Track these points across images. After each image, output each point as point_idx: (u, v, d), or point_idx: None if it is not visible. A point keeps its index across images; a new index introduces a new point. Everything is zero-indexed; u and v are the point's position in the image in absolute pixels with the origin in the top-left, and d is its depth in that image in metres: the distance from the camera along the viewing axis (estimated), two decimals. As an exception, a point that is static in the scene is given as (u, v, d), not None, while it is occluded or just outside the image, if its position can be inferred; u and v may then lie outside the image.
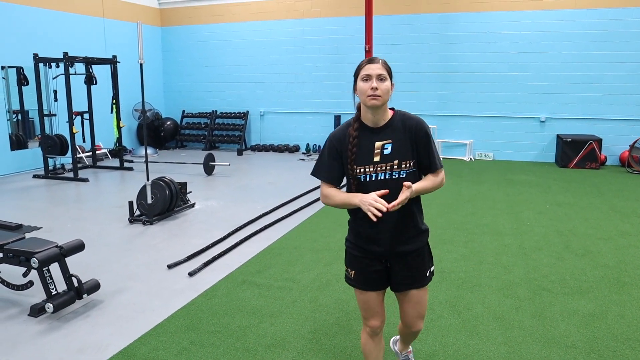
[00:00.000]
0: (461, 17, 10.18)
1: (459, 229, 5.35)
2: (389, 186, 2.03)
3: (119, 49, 10.53)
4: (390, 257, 2.14)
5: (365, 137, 2.07)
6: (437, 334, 3.10)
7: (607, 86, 9.50)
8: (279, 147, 11.71)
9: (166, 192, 5.77)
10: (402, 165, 2.05)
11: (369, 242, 2.12)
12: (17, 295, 3.70)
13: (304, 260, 4.43)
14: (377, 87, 1.98)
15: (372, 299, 2.21)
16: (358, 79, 2.03)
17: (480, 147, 10.48)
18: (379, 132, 2.06)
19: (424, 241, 2.19)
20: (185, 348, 2.96)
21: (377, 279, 2.18)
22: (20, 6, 8.74)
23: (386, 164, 2.04)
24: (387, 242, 2.09)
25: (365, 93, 1.99)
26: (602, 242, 4.91)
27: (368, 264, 2.15)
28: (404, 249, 2.12)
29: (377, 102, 1.99)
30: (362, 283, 2.19)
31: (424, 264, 2.19)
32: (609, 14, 9.30)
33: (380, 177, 2.05)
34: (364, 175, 2.06)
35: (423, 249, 2.19)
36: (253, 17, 11.73)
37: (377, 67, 2.00)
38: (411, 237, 2.13)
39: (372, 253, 2.14)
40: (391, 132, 2.06)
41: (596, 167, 9.16)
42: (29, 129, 9.27)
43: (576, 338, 3.03)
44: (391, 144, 2.05)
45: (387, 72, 2.03)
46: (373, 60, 2.03)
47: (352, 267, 2.20)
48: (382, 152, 2.04)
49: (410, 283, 2.17)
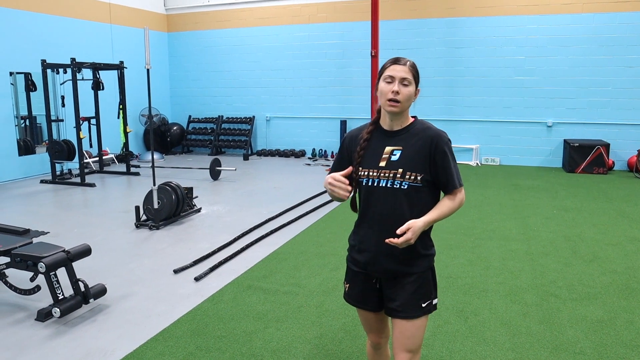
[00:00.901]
0: (467, 21, 10.17)
1: (465, 234, 5.33)
2: (390, 196, 1.87)
3: (125, 55, 10.60)
4: (379, 274, 1.96)
5: (378, 139, 1.94)
6: (444, 339, 3.08)
7: (615, 91, 9.45)
8: (285, 152, 11.73)
9: (172, 197, 5.78)
10: (406, 176, 1.85)
11: (359, 252, 1.99)
12: (25, 299, 3.71)
13: (310, 265, 4.43)
14: (398, 91, 1.82)
15: (370, 317, 2.08)
16: (381, 79, 1.87)
17: (486, 152, 10.45)
18: (393, 136, 1.92)
19: (423, 266, 1.94)
20: (192, 353, 2.95)
21: (368, 297, 2.02)
22: (28, 12, 8.82)
23: (390, 170, 1.88)
24: (373, 255, 1.92)
25: (385, 96, 1.84)
26: (610, 247, 4.87)
27: (363, 280, 2.01)
28: (393, 268, 1.91)
29: (396, 108, 1.84)
30: (354, 299, 2.07)
31: (421, 292, 1.93)
32: (616, 18, 9.26)
33: (382, 184, 1.88)
34: (367, 179, 1.91)
35: (422, 276, 1.93)
36: (259, 23, 11.78)
37: (402, 70, 1.83)
38: (405, 257, 1.90)
39: (361, 265, 1.98)
40: (405, 139, 1.90)
41: (604, 172, 9.10)
42: (36, 135, 9.33)
43: (584, 344, 3.01)
44: (401, 151, 1.88)
45: (413, 77, 1.85)
46: (399, 61, 1.85)
47: (348, 281, 2.09)
48: (389, 158, 1.89)
49: (398, 310, 1.92)
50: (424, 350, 2.95)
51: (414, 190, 1.87)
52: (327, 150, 11.50)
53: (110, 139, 10.43)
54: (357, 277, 2.03)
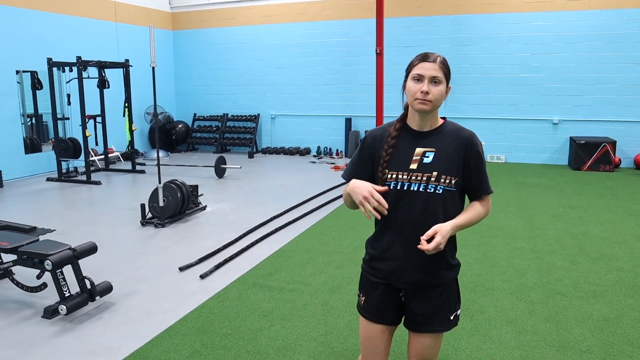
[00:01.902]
0: (473, 19, 10.13)
1: (471, 232, 5.31)
2: (423, 201, 1.75)
3: (131, 53, 10.62)
4: (406, 285, 1.83)
5: (406, 140, 1.80)
6: (450, 337, 3.07)
7: (621, 88, 9.39)
8: (290, 150, 11.73)
9: (178, 195, 5.79)
10: (441, 180, 1.74)
11: (381, 260, 1.84)
12: (31, 297, 3.73)
13: (315, 263, 4.43)
14: (428, 91, 1.70)
15: (377, 335, 1.91)
16: (409, 77, 1.76)
17: (492, 150, 10.41)
18: (424, 137, 1.79)
19: (450, 277, 1.85)
20: (197, 350, 2.96)
21: (387, 310, 1.88)
22: (34, 11, 8.85)
23: (423, 173, 1.75)
24: (400, 264, 1.80)
25: (414, 95, 1.72)
26: (616, 245, 4.84)
27: (383, 291, 1.86)
28: (421, 279, 1.80)
29: (427, 107, 1.72)
30: (368, 312, 1.91)
31: (448, 304, 1.85)
32: (622, 15, 9.20)
33: (413, 188, 1.75)
34: (395, 182, 1.76)
35: (449, 287, 1.85)
36: (264, 21, 11.78)
37: (432, 68, 1.71)
38: (434, 267, 1.80)
39: (383, 275, 1.84)
40: (438, 140, 1.78)
41: (610, 170, 9.05)
42: (42, 133, 9.38)
43: (591, 343, 2.99)
44: (434, 152, 1.76)
45: (444, 74, 1.73)
46: (428, 58, 1.73)
47: (364, 293, 1.93)
48: (421, 160, 1.76)
49: (426, 324, 1.84)
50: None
51: (449, 195, 1.76)
52: (332, 148, 11.49)
53: (115, 137, 10.46)
54: (377, 288, 1.88)
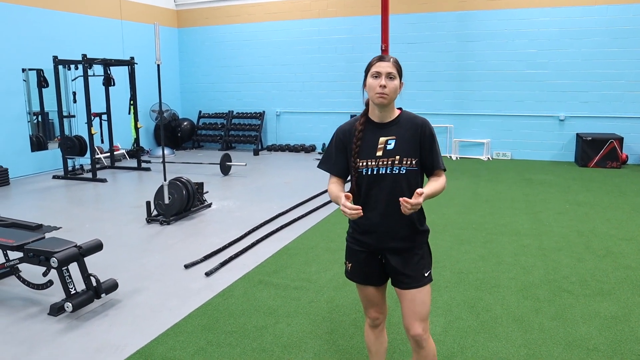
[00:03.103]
0: (478, 15, 10.07)
1: (477, 229, 5.29)
2: (390, 181, 2.08)
3: (136, 51, 10.63)
4: (384, 251, 2.15)
5: (370, 132, 2.12)
6: (456, 335, 3.06)
7: (628, 84, 9.31)
8: (295, 147, 11.72)
9: (183, 192, 5.80)
10: (404, 162, 2.07)
11: (363, 234, 2.16)
12: (37, 294, 3.75)
13: (320, 261, 4.42)
14: (385, 85, 2.01)
15: (370, 292, 2.24)
16: (368, 75, 2.07)
17: (498, 147, 10.36)
18: (385, 128, 2.11)
19: (421, 241, 2.17)
20: (202, 348, 2.96)
21: (372, 273, 2.20)
22: (39, 9, 8.88)
23: (388, 158, 2.08)
24: (380, 235, 2.12)
25: (374, 90, 2.03)
26: (624, 242, 4.81)
27: (364, 257, 2.18)
28: (398, 246, 2.12)
29: (385, 100, 2.03)
30: (357, 276, 2.23)
31: (422, 263, 2.16)
32: (630, 10, 9.12)
33: (381, 172, 2.08)
34: (366, 169, 2.09)
35: (420, 249, 2.16)
36: (269, 18, 11.76)
37: (387, 66, 2.03)
38: (405, 234, 2.12)
39: (366, 245, 2.16)
40: (396, 129, 2.10)
41: (617, 167, 8.99)
42: (48, 131, 9.42)
43: (598, 341, 2.97)
44: (395, 140, 2.08)
45: (397, 71, 2.05)
46: (384, 58, 2.06)
47: (350, 260, 2.25)
48: (385, 147, 2.08)
49: (408, 283, 2.14)
50: (436, 345, 2.92)
51: (411, 173, 2.09)
52: (337, 145, 11.45)
53: (121, 134, 10.49)
54: (360, 256, 2.19)
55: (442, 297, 3.60)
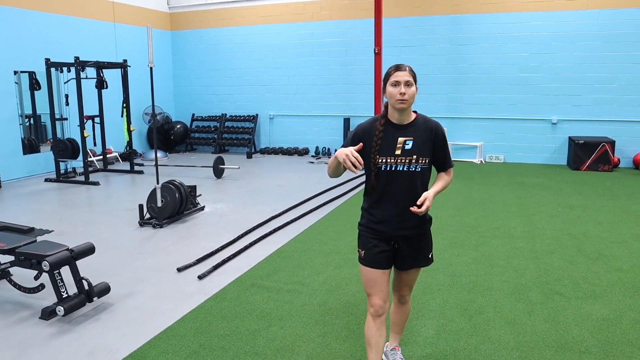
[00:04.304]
0: (471, 18, 10.12)
1: (470, 232, 5.31)
2: (407, 177, 2.32)
3: (129, 54, 10.61)
4: (396, 238, 2.41)
5: (389, 132, 2.33)
6: (448, 338, 3.07)
7: (620, 87, 9.39)
8: (289, 150, 11.72)
9: (176, 196, 5.78)
10: (420, 161, 2.32)
11: (378, 223, 2.39)
12: (29, 298, 3.72)
13: (313, 264, 4.42)
14: (404, 92, 2.23)
15: (378, 277, 2.41)
16: (387, 84, 2.28)
17: (490, 150, 10.41)
18: (403, 129, 2.33)
19: (427, 228, 2.49)
20: (195, 351, 2.95)
21: (384, 258, 2.41)
22: (32, 11, 8.84)
23: (406, 157, 2.31)
24: (395, 225, 2.37)
25: (394, 97, 2.25)
26: (615, 245, 4.84)
27: (377, 244, 2.40)
28: (410, 233, 2.41)
29: (405, 105, 2.26)
30: (370, 262, 2.42)
31: (427, 247, 2.50)
32: (621, 14, 9.20)
33: (399, 168, 2.32)
34: (385, 165, 2.32)
35: (427, 234, 2.50)
36: (262, 21, 11.76)
37: (404, 75, 2.25)
38: (417, 223, 2.39)
39: (381, 233, 2.39)
40: (414, 131, 2.33)
41: (609, 170, 9.05)
42: (41, 133, 9.37)
43: (590, 343, 2.99)
44: (412, 140, 2.32)
45: (413, 78, 2.27)
46: (400, 68, 2.28)
47: (363, 248, 2.45)
48: (403, 147, 2.31)
49: (413, 263, 2.49)
50: (428, 348, 2.94)
51: (425, 171, 2.35)
52: (330, 148, 11.48)
53: (114, 137, 10.45)
54: (375, 243, 2.41)
55: (435, 300, 3.61)
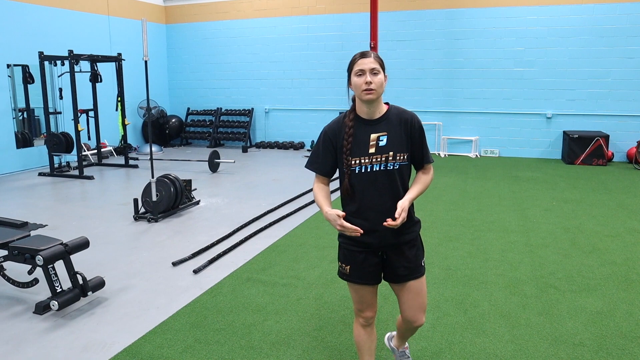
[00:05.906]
0: (467, 12, 10.11)
1: (465, 226, 5.32)
2: (385, 177, 2.08)
3: (123, 47, 10.54)
4: (386, 248, 2.17)
5: (360, 129, 2.10)
6: (443, 331, 3.08)
7: (615, 82, 9.42)
8: (284, 144, 11.70)
9: (171, 190, 5.77)
10: (397, 157, 2.08)
11: (365, 235, 2.09)
12: (22, 292, 3.71)
13: (309, 258, 4.42)
14: (371, 81, 2.00)
15: (368, 292, 2.24)
16: (352, 74, 2.05)
17: (486, 144, 10.42)
18: (375, 124, 2.09)
19: (416, 232, 2.22)
20: (190, 346, 2.95)
21: (372, 272, 2.20)
22: (25, 4, 8.76)
23: (381, 155, 2.07)
24: (384, 233, 2.10)
25: (360, 88, 2.01)
26: (609, 239, 4.86)
27: (365, 257, 2.17)
28: (399, 240, 2.15)
29: (372, 95, 2.02)
30: (358, 277, 2.21)
31: (418, 254, 2.21)
32: (616, 9, 9.21)
33: (375, 169, 2.07)
34: (359, 167, 2.08)
35: (416, 240, 2.22)
36: (258, 14, 11.71)
37: (369, 62, 2.01)
38: (405, 228, 2.14)
39: (368, 246, 2.14)
40: (386, 124, 2.09)
41: (603, 164, 9.09)
42: (34, 127, 9.31)
43: (584, 336, 3.00)
44: (386, 136, 2.08)
45: (380, 65, 2.03)
46: (365, 55, 2.04)
47: (347, 263, 2.21)
48: (377, 144, 2.07)
49: (407, 274, 2.19)
50: (422, 342, 2.95)
51: (404, 168, 2.12)
52: (326, 143, 11.45)
53: (108, 131, 10.40)
54: (360, 255, 2.17)
55: (430, 294, 3.62)
